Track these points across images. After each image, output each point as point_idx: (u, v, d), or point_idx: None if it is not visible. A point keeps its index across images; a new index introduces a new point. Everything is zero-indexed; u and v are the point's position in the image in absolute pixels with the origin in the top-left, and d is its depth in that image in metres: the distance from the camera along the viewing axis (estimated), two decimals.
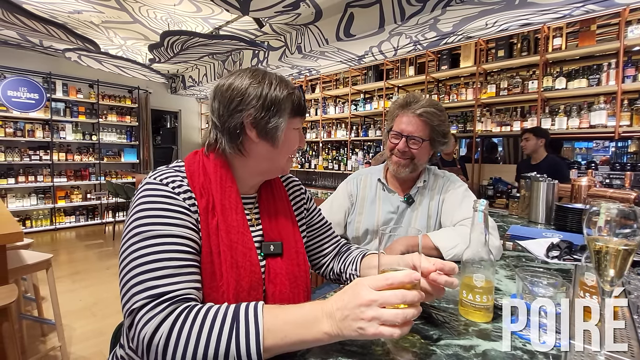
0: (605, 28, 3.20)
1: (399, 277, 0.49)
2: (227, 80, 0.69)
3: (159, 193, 0.61)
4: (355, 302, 0.47)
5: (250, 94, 0.66)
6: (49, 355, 1.94)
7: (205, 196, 0.65)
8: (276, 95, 0.67)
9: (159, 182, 0.62)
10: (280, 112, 0.68)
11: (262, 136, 0.68)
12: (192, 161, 0.69)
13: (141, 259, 0.54)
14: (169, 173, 0.65)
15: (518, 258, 1.05)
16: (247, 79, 0.67)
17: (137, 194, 0.61)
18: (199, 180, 0.66)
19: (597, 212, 0.51)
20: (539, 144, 2.80)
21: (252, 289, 0.64)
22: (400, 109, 1.19)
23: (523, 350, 0.54)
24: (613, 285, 0.50)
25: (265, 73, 0.70)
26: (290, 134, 0.72)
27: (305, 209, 0.88)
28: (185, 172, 0.67)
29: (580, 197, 1.61)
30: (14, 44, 4.64)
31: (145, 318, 0.50)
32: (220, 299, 0.60)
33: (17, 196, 4.91)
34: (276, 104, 0.67)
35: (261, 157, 0.71)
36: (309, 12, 3.34)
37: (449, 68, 3.73)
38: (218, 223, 0.64)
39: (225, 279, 0.61)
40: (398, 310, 0.47)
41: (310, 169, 5.11)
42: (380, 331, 0.46)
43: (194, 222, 0.62)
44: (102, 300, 2.76)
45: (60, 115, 5.19)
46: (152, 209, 0.58)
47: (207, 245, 0.62)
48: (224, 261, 0.62)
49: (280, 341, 0.49)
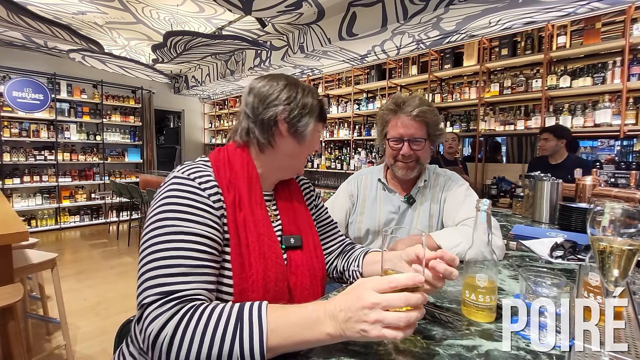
0: (611, 26, 3.17)
1: (402, 280, 0.48)
2: (264, 79, 0.76)
3: (185, 188, 0.62)
4: (358, 304, 0.47)
5: (286, 92, 0.74)
6: (54, 353, 1.96)
7: (233, 191, 0.67)
8: (308, 99, 0.75)
9: (187, 176, 0.64)
10: (310, 114, 0.75)
11: (292, 132, 0.74)
12: (218, 157, 0.73)
13: (158, 254, 0.55)
14: (196, 168, 0.67)
15: (522, 258, 1.05)
16: (284, 81, 0.75)
17: (164, 186, 0.63)
18: (226, 175, 0.69)
19: (601, 211, 0.50)
20: (559, 144, 2.63)
21: (279, 280, 0.67)
22: (392, 113, 1.18)
23: (526, 351, 0.54)
24: (617, 286, 0.50)
25: (298, 81, 0.78)
26: (314, 135, 0.78)
27: (314, 206, 0.92)
28: (212, 166, 0.70)
29: (584, 197, 1.60)
30: (19, 45, 4.68)
31: (153, 315, 0.51)
32: (250, 289, 0.63)
33: (22, 196, 4.96)
34: (308, 106, 0.75)
35: (285, 152, 0.76)
36: (312, 12, 3.34)
37: (452, 67, 3.71)
38: (245, 216, 0.66)
39: (255, 269, 0.64)
40: (401, 314, 0.47)
41: (313, 168, 5.11)
42: (383, 334, 0.46)
43: (217, 219, 0.63)
44: (107, 299, 2.78)
45: (64, 115, 5.23)
46: (176, 203, 0.60)
47: (235, 238, 0.64)
48: (252, 252, 0.64)
49: (283, 341, 0.49)
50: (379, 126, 1.24)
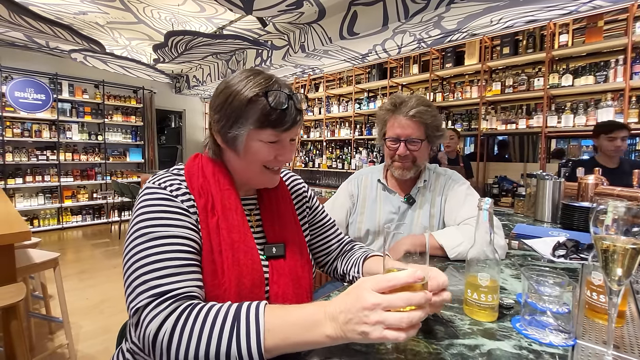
0: (613, 24, 3.15)
1: (402, 277, 0.47)
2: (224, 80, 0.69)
3: (158, 196, 0.63)
4: (358, 306, 0.46)
5: (222, 97, 0.66)
6: (56, 352, 1.97)
7: (204, 196, 0.66)
8: (239, 101, 0.63)
9: (157, 186, 0.64)
10: (241, 121, 0.64)
11: (225, 142, 0.68)
12: (192, 164, 0.72)
13: (144, 259, 0.56)
14: (166, 177, 0.67)
15: (524, 257, 1.04)
16: (228, 82, 0.66)
17: (138, 198, 0.64)
18: (198, 181, 0.68)
19: (604, 210, 0.50)
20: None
21: (255, 287, 0.65)
22: (390, 113, 1.18)
23: (529, 350, 0.53)
24: (620, 285, 0.50)
25: (250, 75, 0.66)
26: (254, 145, 0.66)
27: (307, 207, 0.88)
28: (184, 175, 0.69)
29: (587, 196, 1.59)
30: (21, 46, 4.69)
31: (150, 315, 0.51)
32: (222, 296, 0.61)
33: (24, 196, 4.97)
34: (237, 110, 0.64)
35: (232, 164, 0.72)
36: (313, 11, 3.33)
37: (453, 66, 3.70)
38: (218, 222, 0.65)
39: (227, 277, 0.62)
40: (403, 314, 0.45)
41: (314, 167, 5.11)
42: (384, 335, 0.44)
43: (194, 223, 0.64)
44: (109, 298, 2.79)
45: (66, 115, 5.24)
46: (152, 211, 0.60)
47: (207, 244, 0.63)
48: (225, 259, 0.63)
49: (281, 342, 0.48)
50: (378, 126, 1.25)
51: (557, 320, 0.56)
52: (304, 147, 5.52)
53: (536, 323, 0.58)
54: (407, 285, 0.47)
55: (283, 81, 0.70)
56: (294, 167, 5.35)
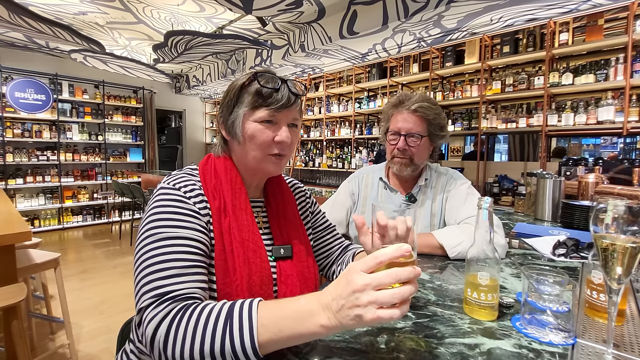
0: (613, 22, 3.15)
1: (388, 253, 0.47)
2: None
3: (171, 197, 0.64)
4: (349, 289, 0.46)
5: (224, 95, 0.72)
6: (57, 352, 1.97)
7: (218, 198, 0.68)
8: (234, 88, 0.70)
9: (172, 187, 0.66)
10: (237, 105, 0.69)
11: (228, 132, 0.72)
12: (205, 165, 0.74)
13: (150, 259, 0.57)
14: (181, 178, 0.69)
15: (524, 256, 1.04)
16: (234, 82, 0.72)
17: (152, 197, 0.65)
18: (211, 183, 0.70)
19: (604, 209, 0.50)
20: None
21: (264, 284, 0.67)
22: (394, 108, 1.18)
23: (528, 349, 0.53)
24: (621, 284, 0.50)
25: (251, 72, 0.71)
26: (250, 127, 0.68)
27: (310, 212, 0.91)
28: (198, 175, 0.71)
29: (587, 194, 1.59)
30: (21, 46, 4.69)
31: (150, 316, 0.52)
32: (234, 293, 0.63)
33: (25, 196, 4.98)
34: (233, 98, 0.70)
35: (237, 155, 0.74)
36: (312, 10, 3.33)
37: (453, 65, 3.69)
38: (230, 222, 0.67)
39: (239, 274, 0.64)
40: (394, 290, 0.45)
41: (314, 167, 5.11)
42: (378, 315, 0.44)
43: (204, 224, 0.65)
44: (110, 298, 2.79)
45: (66, 115, 5.25)
46: (163, 212, 0.62)
47: (220, 243, 0.65)
48: (237, 257, 0.65)
49: (274, 336, 0.48)
50: (383, 122, 1.25)
51: (557, 319, 0.56)
52: (304, 147, 5.52)
53: (536, 322, 0.58)
54: (395, 260, 0.48)
55: (285, 77, 0.73)
56: (294, 166, 5.36)
